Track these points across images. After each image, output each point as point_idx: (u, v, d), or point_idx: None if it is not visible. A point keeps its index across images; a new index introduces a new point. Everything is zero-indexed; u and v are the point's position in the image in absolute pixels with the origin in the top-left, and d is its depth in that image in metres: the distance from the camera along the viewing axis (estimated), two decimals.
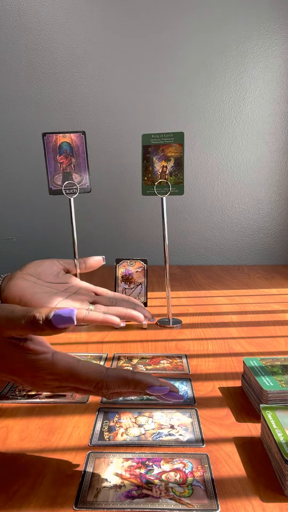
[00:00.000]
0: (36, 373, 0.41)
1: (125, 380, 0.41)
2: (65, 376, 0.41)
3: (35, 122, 1.42)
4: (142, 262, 0.84)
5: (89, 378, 0.41)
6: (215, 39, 1.39)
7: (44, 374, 0.41)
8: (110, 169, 1.44)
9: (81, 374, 0.41)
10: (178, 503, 0.40)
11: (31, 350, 0.41)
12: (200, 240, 1.50)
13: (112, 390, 0.41)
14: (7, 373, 0.43)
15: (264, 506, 0.40)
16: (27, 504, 0.40)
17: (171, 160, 0.83)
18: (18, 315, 0.40)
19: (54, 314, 0.40)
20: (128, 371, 0.42)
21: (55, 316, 0.40)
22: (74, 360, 0.42)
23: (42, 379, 0.42)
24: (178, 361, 0.70)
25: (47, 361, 0.41)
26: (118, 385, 0.41)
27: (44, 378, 0.42)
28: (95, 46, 1.39)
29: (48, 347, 0.43)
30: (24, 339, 0.42)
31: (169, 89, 1.41)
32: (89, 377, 0.41)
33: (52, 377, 0.42)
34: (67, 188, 0.85)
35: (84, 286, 0.64)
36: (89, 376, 0.41)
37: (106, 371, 0.41)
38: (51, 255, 1.48)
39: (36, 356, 0.41)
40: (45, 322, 0.40)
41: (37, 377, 0.42)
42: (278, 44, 1.39)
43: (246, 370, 0.60)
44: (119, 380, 0.41)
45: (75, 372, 0.41)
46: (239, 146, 1.45)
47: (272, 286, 1.18)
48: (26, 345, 0.42)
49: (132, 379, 0.41)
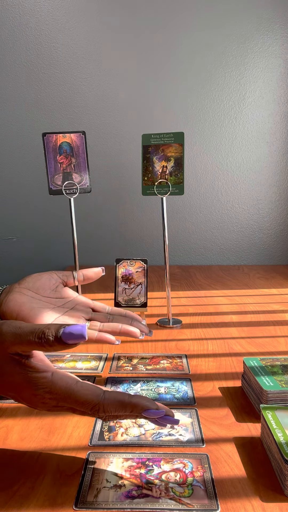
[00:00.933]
0: (35, 391, 0.42)
1: (121, 403, 0.41)
2: (62, 396, 0.41)
3: (35, 122, 1.42)
4: (142, 262, 0.84)
5: (87, 400, 0.41)
6: (215, 39, 1.39)
7: (42, 392, 0.42)
8: (110, 169, 1.44)
9: (78, 395, 0.41)
10: (178, 503, 0.40)
11: (32, 368, 0.42)
12: (200, 240, 1.50)
13: (109, 413, 0.41)
14: (7, 389, 0.43)
15: (264, 506, 0.40)
16: (27, 504, 0.40)
17: (171, 160, 0.83)
18: (26, 331, 0.41)
19: (64, 331, 0.40)
20: (125, 394, 0.42)
21: (65, 332, 0.40)
22: (72, 381, 0.42)
23: (41, 397, 0.42)
24: (178, 361, 0.70)
25: (46, 379, 0.42)
26: (115, 408, 0.41)
27: (43, 397, 0.42)
28: (95, 46, 1.39)
29: (49, 366, 0.43)
30: (26, 356, 0.42)
31: (169, 89, 1.41)
32: (86, 399, 0.41)
33: (50, 396, 0.42)
34: (67, 188, 0.85)
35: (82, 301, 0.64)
36: (86, 398, 0.41)
37: (103, 394, 0.41)
38: (51, 255, 1.49)
39: (37, 374, 0.42)
40: (55, 339, 0.40)
41: (36, 395, 0.42)
42: (278, 44, 1.39)
43: (246, 370, 0.60)
44: (116, 403, 0.41)
45: (72, 393, 0.41)
46: (239, 146, 1.45)
47: (272, 286, 1.18)
48: (28, 362, 0.42)
49: (129, 402, 0.41)
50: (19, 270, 1.48)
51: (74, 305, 0.63)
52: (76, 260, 0.88)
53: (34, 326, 0.41)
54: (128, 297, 0.84)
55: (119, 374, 0.66)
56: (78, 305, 0.63)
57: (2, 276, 1.48)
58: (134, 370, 0.67)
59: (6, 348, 0.41)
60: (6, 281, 1.42)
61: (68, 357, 0.72)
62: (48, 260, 1.48)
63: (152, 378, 0.64)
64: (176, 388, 0.61)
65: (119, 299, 0.84)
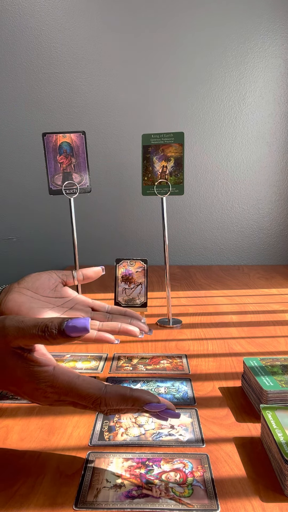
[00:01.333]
0: (37, 385, 0.42)
1: (123, 397, 0.41)
2: (64, 390, 0.42)
3: (35, 122, 1.42)
4: (142, 262, 0.84)
5: (88, 394, 0.41)
6: (215, 39, 1.39)
7: (44, 386, 0.42)
8: (110, 169, 1.44)
9: (80, 389, 0.41)
10: (178, 503, 0.40)
11: (34, 361, 0.42)
12: (200, 240, 1.50)
13: (110, 406, 0.42)
14: (9, 384, 0.43)
15: (264, 506, 0.40)
16: (27, 504, 0.40)
17: (171, 160, 0.83)
18: (29, 324, 0.41)
19: (67, 324, 0.40)
20: (127, 388, 0.42)
21: (68, 325, 0.40)
22: (74, 375, 0.42)
23: (42, 391, 0.42)
24: (178, 361, 0.70)
25: (48, 373, 0.42)
26: (117, 402, 0.41)
27: (44, 391, 0.42)
28: (95, 46, 1.39)
29: (51, 360, 0.43)
30: (28, 350, 0.42)
31: (169, 89, 1.41)
32: (88, 393, 0.41)
33: (52, 390, 0.42)
34: (67, 188, 0.85)
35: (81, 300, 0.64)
36: (88, 392, 0.41)
37: (105, 388, 0.42)
38: (51, 255, 1.49)
39: (39, 367, 0.42)
40: (59, 332, 0.40)
41: (37, 389, 0.42)
42: (278, 44, 1.39)
43: (246, 370, 0.60)
44: (118, 397, 0.41)
45: (74, 386, 0.41)
46: (239, 146, 1.45)
47: (272, 286, 1.18)
48: (30, 356, 0.42)
49: (131, 396, 0.41)
50: (19, 270, 1.48)
51: (73, 305, 0.63)
52: (76, 260, 0.88)
53: (37, 320, 0.41)
54: (128, 297, 0.84)
55: (119, 374, 0.66)
56: (78, 304, 0.63)
57: (2, 276, 1.48)
58: (134, 370, 0.67)
59: (9, 342, 0.41)
60: (6, 281, 1.42)
61: (68, 357, 0.72)
62: (48, 260, 1.48)
63: (152, 378, 0.64)
64: (176, 388, 0.61)
65: (119, 299, 0.84)
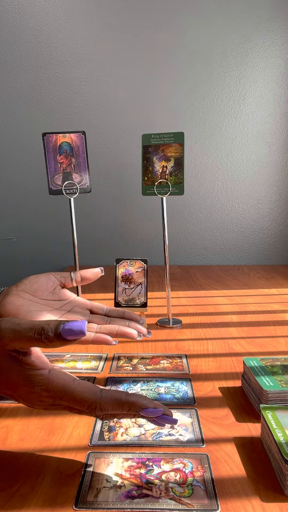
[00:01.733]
0: (32, 388, 0.42)
1: (119, 402, 0.41)
2: (59, 394, 0.41)
3: (35, 122, 1.42)
4: (142, 262, 0.84)
5: (83, 398, 0.41)
6: (215, 39, 1.39)
7: (39, 390, 0.42)
8: (110, 169, 1.44)
9: (75, 393, 0.41)
10: (178, 503, 0.40)
11: (30, 365, 0.42)
12: (200, 240, 1.50)
13: (106, 411, 0.41)
14: (4, 387, 0.43)
15: (264, 506, 0.40)
16: (27, 504, 0.40)
17: (171, 160, 0.83)
18: (26, 327, 0.41)
19: (63, 327, 0.40)
20: (123, 393, 0.42)
21: (65, 328, 0.40)
22: (69, 379, 0.42)
23: (37, 395, 0.42)
24: (178, 361, 0.70)
25: (43, 377, 0.41)
26: (112, 407, 0.41)
27: (39, 395, 0.42)
28: (95, 46, 1.39)
29: (46, 363, 0.43)
30: (24, 353, 0.42)
31: (169, 89, 1.41)
32: (83, 397, 0.41)
33: (47, 394, 0.42)
34: (67, 188, 0.85)
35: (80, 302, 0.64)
36: (83, 396, 0.41)
37: (100, 392, 0.41)
38: (50, 255, 1.49)
39: (34, 371, 0.42)
40: (55, 335, 0.40)
41: (32, 393, 0.42)
42: (278, 44, 1.39)
43: (246, 370, 0.60)
44: (113, 402, 0.41)
45: (69, 390, 0.41)
46: (239, 146, 1.45)
47: (272, 286, 1.18)
48: (26, 359, 0.42)
49: (126, 401, 0.41)
50: (19, 270, 1.48)
51: (72, 307, 0.62)
52: (76, 260, 0.88)
53: (33, 323, 0.41)
54: (128, 297, 0.84)
55: (119, 374, 0.66)
56: (76, 307, 0.63)
57: (2, 276, 1.48)
58: (134, 370, 0.67)
59: (5, 344, 0.41)
60: (6, 281, 1.42)
61: (68, 357, 0.72)
62: (48, 260, 1.48)
63: (152, 378, 0.64)
64: (176, 388, 0.61)
65: (119, 299, 0.84)
